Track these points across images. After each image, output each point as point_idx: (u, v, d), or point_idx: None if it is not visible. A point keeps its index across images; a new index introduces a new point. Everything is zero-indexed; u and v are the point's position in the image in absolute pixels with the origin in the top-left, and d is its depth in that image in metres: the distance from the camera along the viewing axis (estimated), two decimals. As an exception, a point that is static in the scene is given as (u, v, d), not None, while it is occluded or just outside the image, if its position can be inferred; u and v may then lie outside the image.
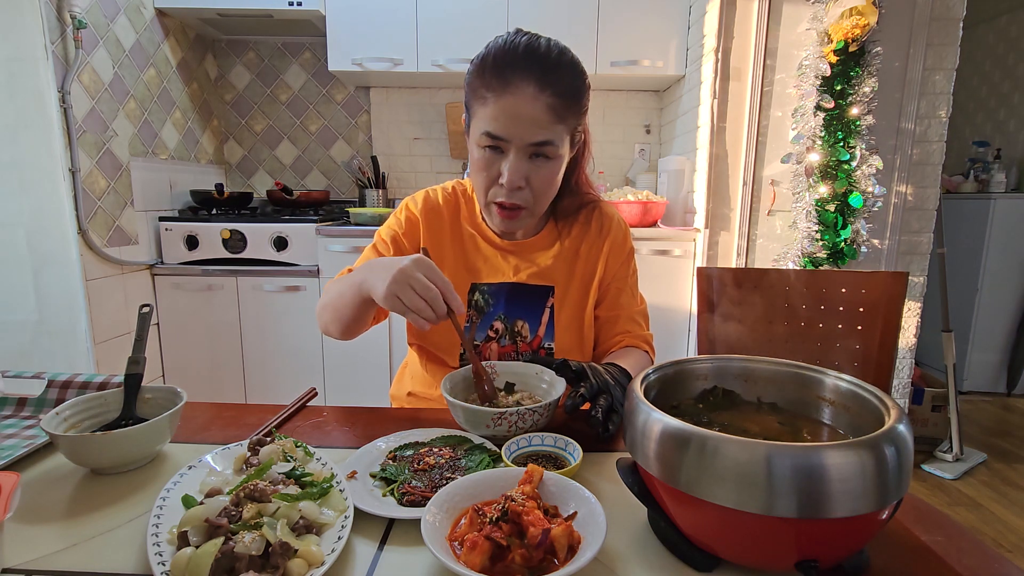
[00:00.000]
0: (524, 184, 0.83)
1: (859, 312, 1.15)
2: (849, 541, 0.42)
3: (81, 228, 1.84)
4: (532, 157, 0.82)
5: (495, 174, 0.84)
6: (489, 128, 0.81)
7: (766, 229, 2.12)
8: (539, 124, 0.79)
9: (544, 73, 0.78)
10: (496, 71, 0.80)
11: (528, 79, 0.78)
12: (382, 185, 2.68)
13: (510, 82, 0.78)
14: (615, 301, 0.98)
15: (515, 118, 0.79)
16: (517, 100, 0.78)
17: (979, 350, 3.08)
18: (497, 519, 0.45)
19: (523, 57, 0.79)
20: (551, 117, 0.79)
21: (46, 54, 1.69)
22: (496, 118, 0.80)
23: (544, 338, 0.95)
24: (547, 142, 0.80)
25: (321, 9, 2.26)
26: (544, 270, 0.95)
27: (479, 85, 0.82)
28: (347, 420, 0.77)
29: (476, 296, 0.95)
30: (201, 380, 2.27)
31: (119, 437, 0.59)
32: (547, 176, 0.84)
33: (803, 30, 1.97)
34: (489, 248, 0.97)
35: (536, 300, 0.95)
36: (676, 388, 0.58)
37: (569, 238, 0.98)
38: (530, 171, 0.83)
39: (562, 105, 0.80)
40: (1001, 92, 3.42)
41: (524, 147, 0.81)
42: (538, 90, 0.78)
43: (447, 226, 0.97)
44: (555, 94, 0.78)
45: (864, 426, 0.48)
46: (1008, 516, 1.96)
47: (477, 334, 0.94)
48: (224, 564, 0.42)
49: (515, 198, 0.84)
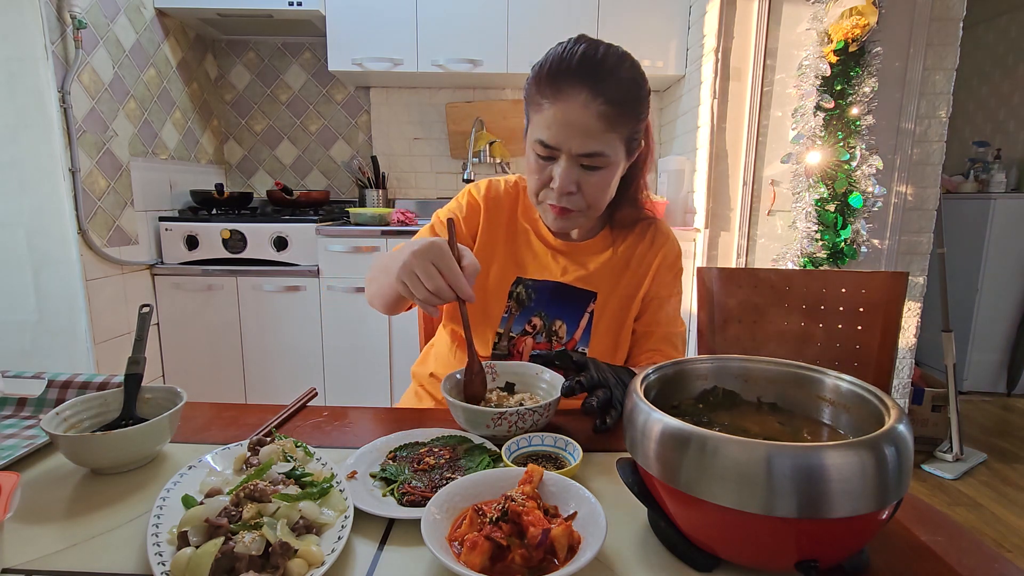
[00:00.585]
0: (575, 190, 0.84)
1: (859, 312, 1.15)
2: (849, 541, 0.42)
3: (81, 228, 1.84)
4: (583, 165, 0.82)
5: (547, 178, 0.84)
6: (542, 136, 0.82)
7: (766, 229, 2.12)
8: (590, 133, 0.79)
9: (597, 81, 0.78)
10: (550, 78, 0.80)
11: (581, 87, 0.78)
12: (382, 185, 2.68)
13: (562, 90, 0.79)
14: (653, 317, 0.98)
15: (566, 127, 0.79)
16: (569, 108, 0.79)
17: (979, 350, 3.09)
18: (497, 519, 0.45)
19: (577, 65, 0.79)
20: (603, 125, 0.79)
21: (46, 54, 1.69)
22: (549, 126, 0.81)
23: (579, 342, 0.95)
24: (597, 153, 0.81)
25: (321, 9, 2.26)
26: (591, 275, 0.96)
27: (535, 92, 0.83)
28: (347, 420, 0.77)
29: (519, 289, 0.95)
30: (201, 380, 2.27)
31: (119, 437, 0.59)
32: (599, 183, 0.84)
33: (803, 30, 1.97)
34: (541, 245, 0.98)
35: (577, 303, 0.95)
36: (676, 388, 0.58)
37: (623, 247, 0.98)
38: (581, 178, 0.83)
39: (615, 113, 0.79)
40: (1001, 92, 3.42)
41: (575, 156, 0.81)
42: (590, 98, 0.78)
43: (504, 217, 0.99)
44: (607, 102, 0.78)
45: (864, 426, 0.48)
46: (1008, 516, 1.96)
47: (514, 327, 0.95)
48: (224, 564, 0.42)
49: (566, 202, 0.85)
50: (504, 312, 0.95)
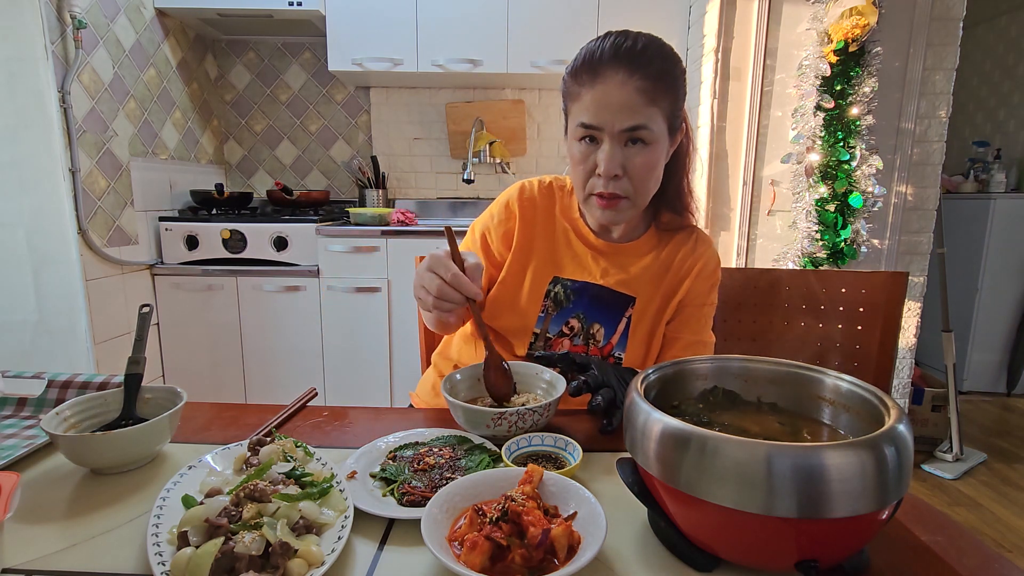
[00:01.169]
0: (621, 172, 0.82)
1: (859, 312, 1.15)
2: (849, 541, 0.42)
3: (81, 228, 1.84)
4: (628, 144, 0.81)
5: (592, 165, 0.83)
6: (583, 119, 0.82)
7: (766, 229, 2.12)
8: (631, 108, 0.79)
9: (632, 60, 0.79)
10: (586, 66, 0.82)
11: (617, 67, 0.79)
12: (382, 185, 2.68)
13: (599, 73, 0.80)
14: (684, 324, 0.96)
15: (607, 106, 0.79)
16: (608, 87, 0.79)
17: (979, 350, 3.08)
18: (497, 519, 0.45)
19: (611, 49, 0.80)
20: (643, 99, 0.79)
21: (46, 54, 1.69)
22: (588, 108, 0.81)
23: (616, 346, 0.93)
24: (640, 126, 0.79)
25: (321, 9, 2.26)
26: (631, 279, 0.94)
27: (572, 83, 0.84)
28: (347, 420, 0.77)
29: (557, 288, 0.94)
30: (201, 380, 2.27)
31: (119, 437, 0.59)
32: (645, 163, 0.82)
33: (803, 30, 1.97)
34: (581, 245, 0.96)
35: (616, 307, 0.93)
36: (676, 388, 0.58)
37: (665, 252, 0.96)
38: (626, 158, 0.82)
39: (653, 88, 0.79)
40: (1001, 92, 3.42)
41: (618, 134, 0.80)
42: (627, 75, 0.78)
43: (540, 217, 0.97)
44: (645, 76, 0.78)
45: (864, 426, 0.48)
46: (1008, 516, 1.96)
47: (551, 327, 0.94)
48: (224, 564, 0.42)
49: (613, 187, 0.83)
50: (540, 312, 0.93)
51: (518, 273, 0.95)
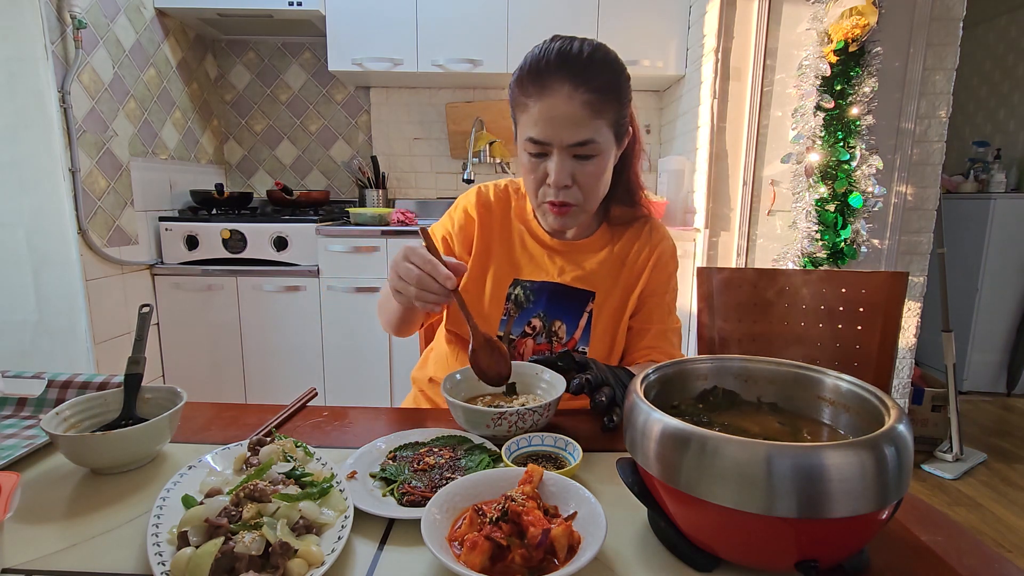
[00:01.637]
0: (571, 182, 0.84)
1: (859, 312, 1.15)
2: (849, 541, 0.42)
3: (81, 228, 1.84)
4: (575, 156, 0.83)
5: (542, 175, 0.86)
6: (531, 133, 0.83)
7: (766, 229, 2.12)
8: (577, 123, 0.81)
9: (577, 72, 0.80)
10: (532, 77, 0.83)
11: (562, 80, 0.80)
12: (382, 185, 2.68)
13: (546, 85, 0.81)
14: (649, 315, 0.98)
15: (553, 120, 0.81)
16: (555, 101, 0.80)
17: (979, 350, 3.08)
18: (497, 519, 0.45)
19: (556, 60, 0.81)
20: (588, 113, 0.80)
21: (46, 54, 1.69)
22: (536, 123, 0.82)
23: (579, 342, 0.95)
24: (587, 141, 0.82)
25: (321, 9, 2.26)
26: (588, 275, 0.96)
27: (519, 94, 0.85)
28: (347, 420, 0.77)
29: (517, 291, 0.96)
30: (201, 380, 2.27)
31: (119, 437, 0.59)
32: (593, 172, 0.85)
33: (803, 30, 1.97)
34: (536, 246, 0.98)
35: (576, 303, 0.95)
36: (676, 388, 0.58)
37: (619, 245, 0.98)
38: (575, 169, 0.84)
39: (599, 100, 0.81)
40: (1001, 92, 3.42)
41: (566, 148, 0.82)
42: (573, 88, 0.79)
43: (497, 221, 1.00)
44: (590, 90, 0.80)
45: (864, 426, 0.48)
46: (1008, 516, 1.96)
47: (514, 329, 0.95)
48: (224, 564, 0.42)
49: (563, 196, 0.85)
50: (503, 315, 0.95)
51: (479, 278, 0.97)
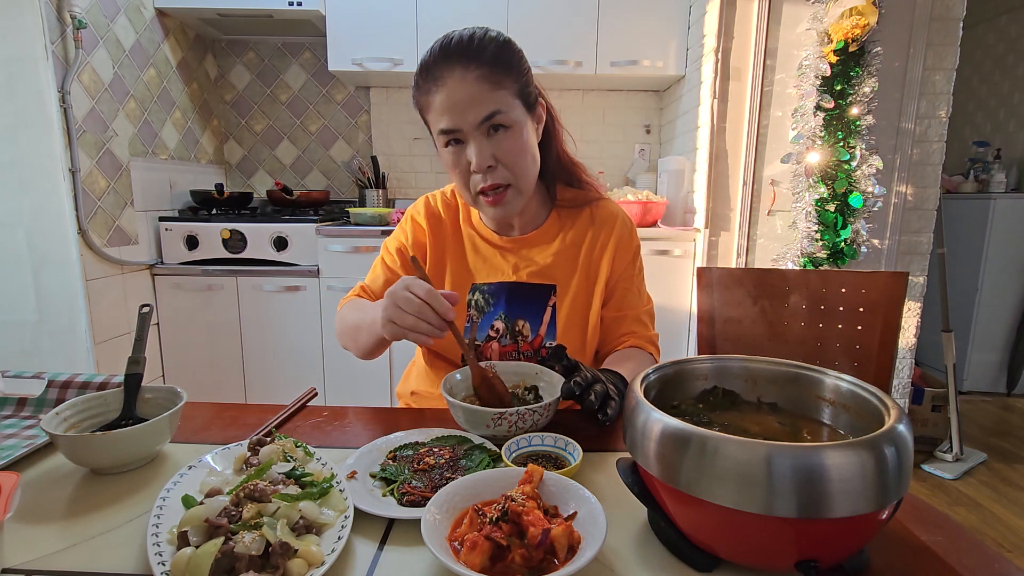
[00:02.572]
0: (494, 162, 0.83)
1: (859, 312, 1.15)
2: (849, 541, 0.42)
3: (81, 228, 1.84)
4: (490, 134, 0.82)
5: (465, 165, 0.84)
6: (440, 125, 0.83)
7: (766, 229, 2.12)
8: (479, 99, 0.80)
9: (462, 54, 0.81)
10: (424, 74, 0.85)
11: (451, 66, 0.81)
12: (382, 185, 2.68)
13: (437, 76, 0.82)
14: (621, 301, 0.97)
15: (456, 105, 0.81)
16: (451, 86, 0.81)
17: (979, 350, 3.08)
18: (497, 519, 0.45)
19: (440, 51, 0.83)
20: (487, 86, 0.80)
21: (46, 54, 1.69)
22: (442, 113, 0.82)
23: (545, 337, 0.94)
24: (494, 112, 0.81)
25: (321, 9, 2.26)
26: (544, 268, 0.94)
27: (418, 95, 0.87)
28: (347, 420, 0.77)
29: (476, 296, 0.95)
30: (201, 380, 2.27)
31: (119, 437, 0.59)
32: (512, 146, 0.83)
33: (803, 30, 1.97)
34: (488, 248, 0.97)
35: (537, 299, 0.94)
36: (676, 388, 0.58)
37: (571, 233, 0.96)
38: (494, 149, 0.83)
39: (492, 72, 0.81)
40: (1001, 92, 3.42)
41: (477, 127, 0.81)
42: (464, 70, 0.80)
43: (448, 230, 0.99)
44: (481, 65, 0.80)
45: (864, 426, 0.48)
46: (1008, 516, 1.96)
47: (478, 334, 0.94)
48: (224, 564, 0.42)
49: (492, 179, 0.84)
50: (466, 322, 0.94)
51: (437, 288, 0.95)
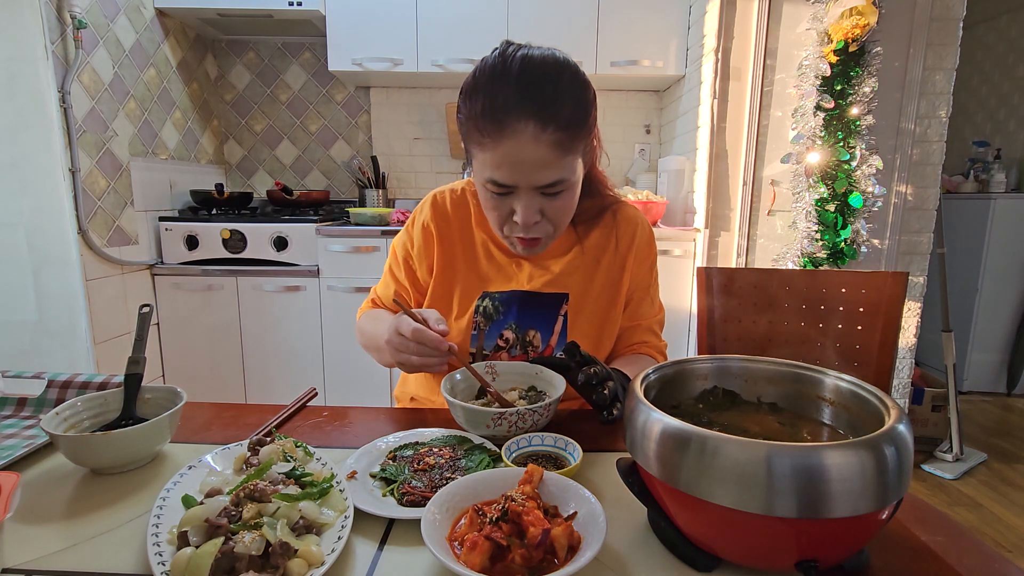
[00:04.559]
0: (540, 218, 0.79)
1: (859, 312, 1.15)
2: (849, 541, 0.42)
3: (81, 228, 1.84)
4: (544, 193, 0.77)
5: (507, 212, 0.80)
6: (494, 176, 0.76)
7: (766, 229, 2.12)
8: (546, 165, 0.73)
9: (543, 108, 0.71)
10: (490, 114, 0.72)
11: (526, 119, 0.71)
12: (382, 185, 2.68)
13: (506, 125, 0.71)
14: (636, 311, 0.96)
15: (518, 164, 0.73)
16: (518, 144, 0.72)
17: (979, 350, 3.08)
18: (497, 519, 0.45)
19: (516, 92, 0.71)
20: (558, 153, 0.73)
21: (46, 54, 1.69)
22: (499, 166, 0.74)
23: (556, 348, 0.90)
24: (559, 180, 0.76)
25: (321, 9, 2.26)
26: (559, 277, 0.91)
27: (473, 128, 0.76)
28: (347, 420, 0.77)
29: (485, 302, 0.91)
30: (201, 380, 2.27)
31: (119, 437, 0.59)
32: (563, 206, 0.80)
33: (803, 30, 1.97)
34: (502, 255, 0.93)
35: (549, 308, 0.91)
36: (676, 388, 0.58)
37: (588, 242, 0.93)
38: (544, 205, 0.78)
39: (568, 137, 0.73)
40: (1001, 92, 3.42)
41: (534, 188, 0.76)
42: (539, 129, 0.71)
43: (456, 232, 0.93)
44: (559, 128, 0.71)
45: (864, 426, 0.48)
46: (1008, 516, 1.96)
47: (486, 343, 0.90)
48: (224, 564, 0.42)
49: (533, 232, 0.80)
50: (472, 330, 0.90)
51: (444, 295, 0.93)
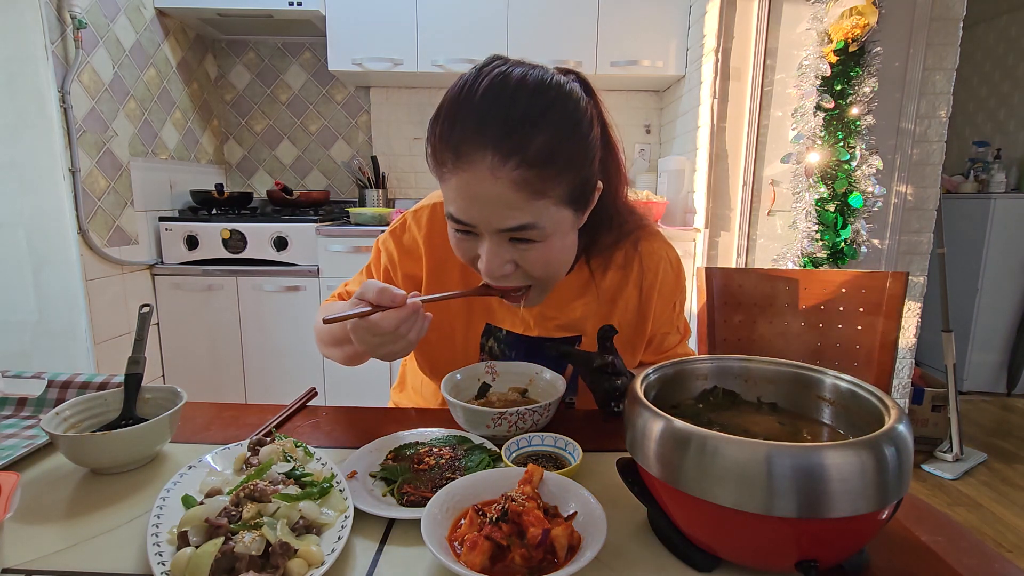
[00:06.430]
0: (512, 269, 0.65)
1: (859, 312, 1.15)
2: (849, 541, 0.42)
3: (81, 228, 1.84)
4: (512, 241, 0.63)
5: (472, 256, 0.66)
6: (450, 210, 0.63)
7: (766, 229, 2.12)
8: (507, 205, 0.59)
9: (504, 137, 0.56)
10: (447, 139, 0.59)
11: (483, 148, 0.57)
12: (382, 185, 2.68)
13: (461, 154, 0.58)
14: (660, 345, 0.90)
15: (474, 200, 0.59)
16: (473, 178, 0.58)
17: (979, 350, 3.08)
18: (497, 519, 0.45)
19: (477, 116, 0.57)
20: (523, 195, 0.58)
21: (46, 54, 1.69)
22: (454, 200, 0.61)
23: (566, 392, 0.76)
24: (525, 226, 0.60)
25: (321, 9, 2.26)
26: (572, 321, 0.81)
27: (431, 155, 0.63)
28: (347, 420, 0.77)
29: (491, 342, 0.83)
30: (201, 380, 2.27)
31: (119, 437, 0.59)
32: (539, 257, 0.64)
33: (803, 30, 1.97)
34: None
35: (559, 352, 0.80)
36: (676, 388, 0.58)
37: (604, 281, 0.81)
38: (515, 255, 0.64)
39: (537, 176, 0.57)
40: (1001, 92, 3.42)
41: (497, 232, 0.62)
42: (498, 163, 0.57)
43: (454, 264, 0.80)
44: (524, 163, 0.57)
45: (864, 426, 0.48)
46: (1008, 516, 1.96)
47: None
48: (224, 564, 0.42)
49: (507, 282, 0.66)
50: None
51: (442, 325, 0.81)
